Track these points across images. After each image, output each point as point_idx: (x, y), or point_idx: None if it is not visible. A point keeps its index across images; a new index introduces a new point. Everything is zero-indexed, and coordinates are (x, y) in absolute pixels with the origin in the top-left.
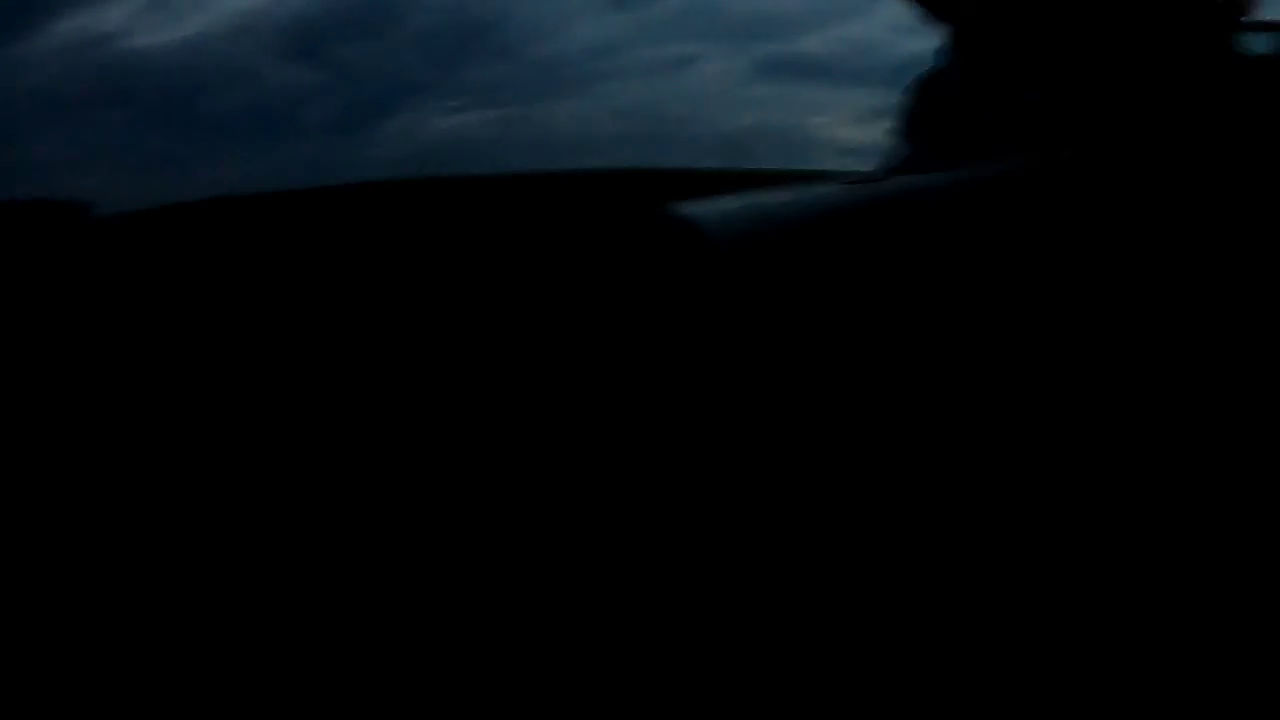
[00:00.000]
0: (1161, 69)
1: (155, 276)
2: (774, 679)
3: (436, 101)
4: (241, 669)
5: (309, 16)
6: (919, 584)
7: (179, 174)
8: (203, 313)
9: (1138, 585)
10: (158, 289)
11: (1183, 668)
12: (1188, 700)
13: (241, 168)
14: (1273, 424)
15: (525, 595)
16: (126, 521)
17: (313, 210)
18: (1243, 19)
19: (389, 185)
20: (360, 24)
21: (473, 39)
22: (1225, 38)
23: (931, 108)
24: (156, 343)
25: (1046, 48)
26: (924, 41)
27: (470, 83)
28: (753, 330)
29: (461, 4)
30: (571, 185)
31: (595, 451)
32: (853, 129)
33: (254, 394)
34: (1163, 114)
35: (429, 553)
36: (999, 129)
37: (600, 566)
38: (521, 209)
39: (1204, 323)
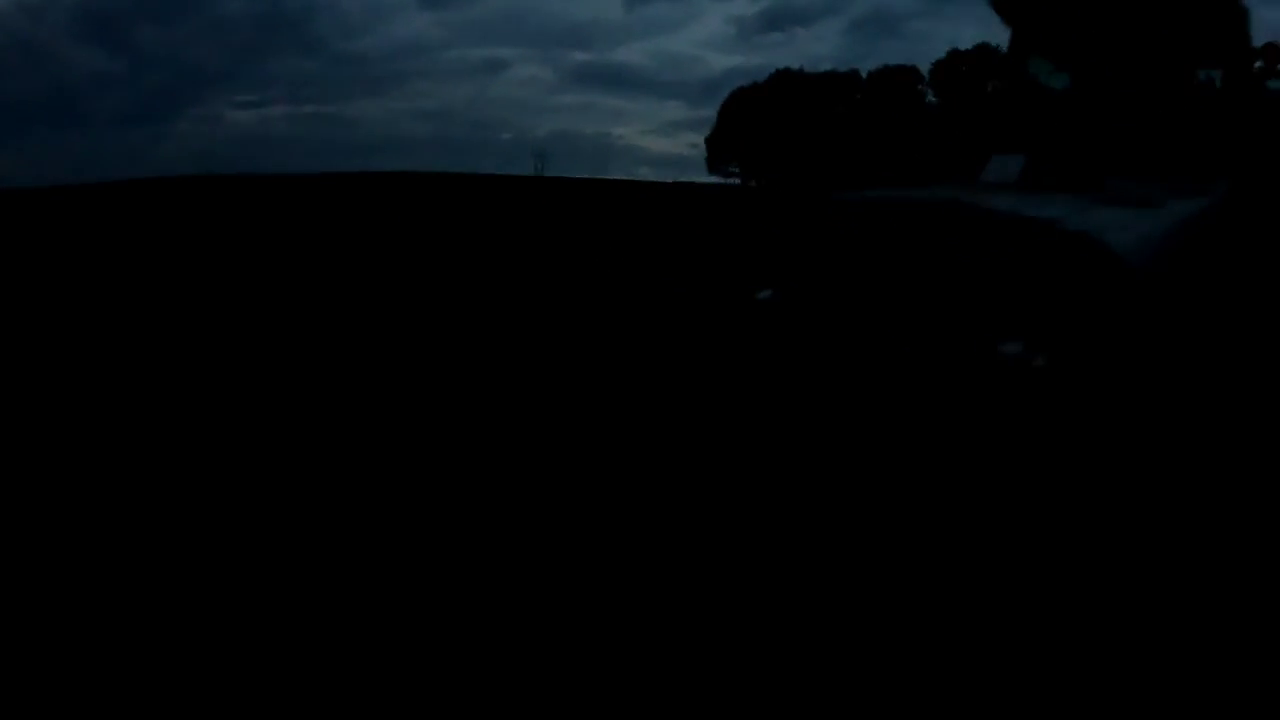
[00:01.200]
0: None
1: None
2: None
3: (236, 94)
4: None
5: None
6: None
7: None
8: None
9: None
10: None
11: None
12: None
13: (30, 156)
14: None
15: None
16: None
17: (97, 206)
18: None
19: (177, 181)
20: (160, 6)
21: (278, 30)
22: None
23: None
24: None
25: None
26: (730, 59)
27: (273, 75)
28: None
29: None
30: (375, 186)
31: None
32: (654, 139)
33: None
34: None
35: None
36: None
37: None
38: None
39: None
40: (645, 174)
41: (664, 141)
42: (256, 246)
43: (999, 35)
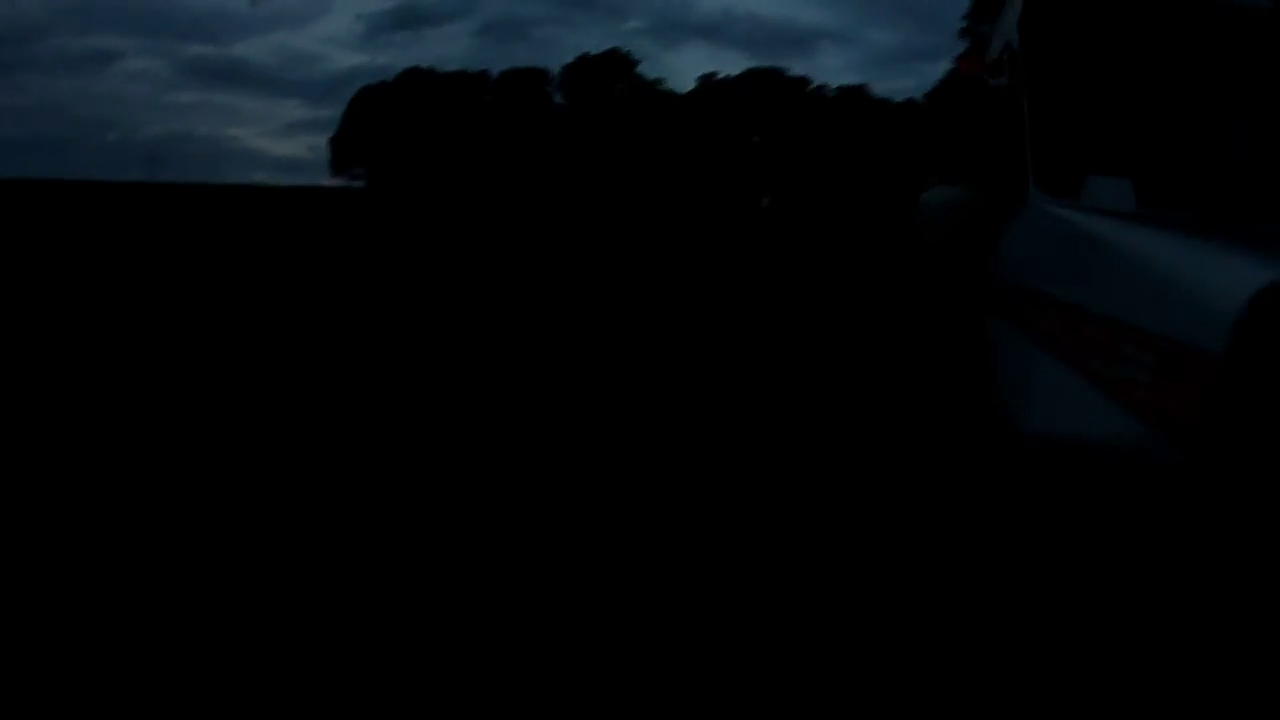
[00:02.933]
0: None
1: None
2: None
3: None
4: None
5: None
6: None
7: None
8: None
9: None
10: None
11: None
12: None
13: None
14: None
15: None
16: None
17: None
18: None
19: None
20: None
21: None
22: None
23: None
24: None
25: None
26: (356, 57)
27: None
28: None
29: None
30: None
31: None
32: (272, 141)
33: None
34: None
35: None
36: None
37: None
38: None
39: None
40: (262, 178)
41: (284, 144)
42: None
43: (629, 41)
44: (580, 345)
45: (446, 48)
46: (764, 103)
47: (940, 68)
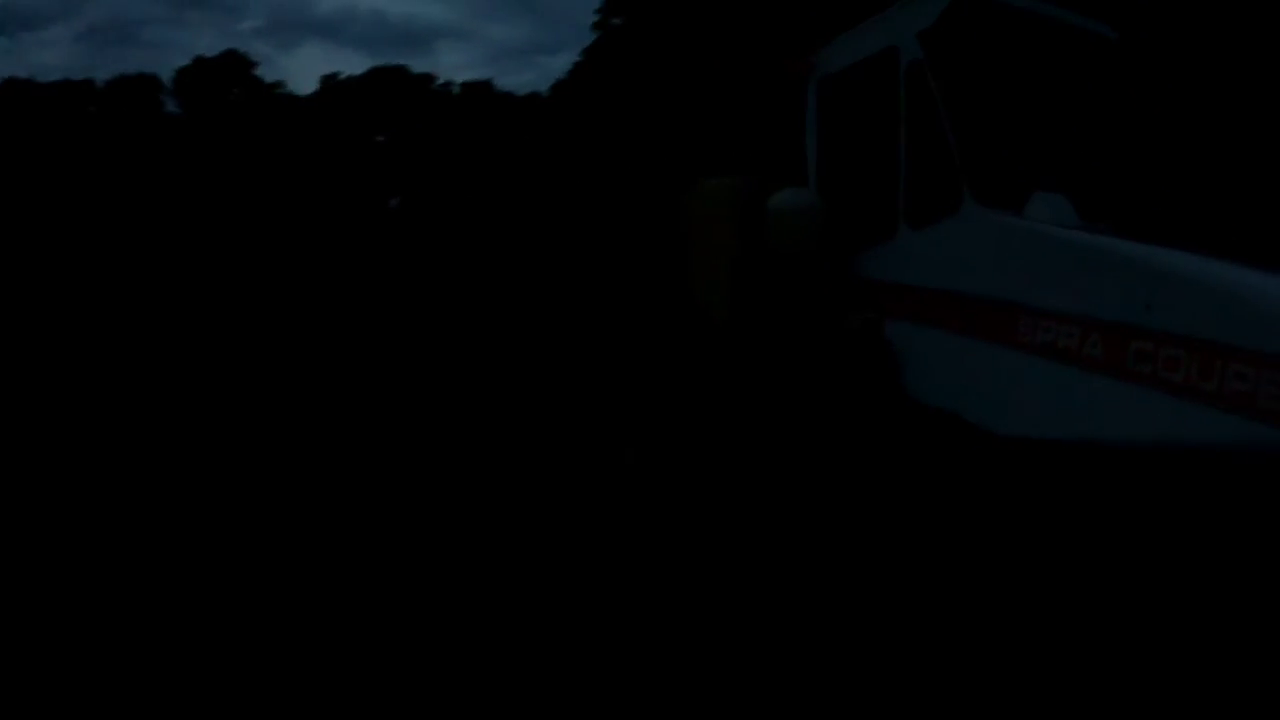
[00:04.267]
0: None
1: None
2: None
3: None
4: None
5: None
6: None
7: None
8: None
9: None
10: None
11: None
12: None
13: None
14: None
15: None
16: None
17: None
18: None
19: None
20: None
21: None
22: None
23: None
24: None
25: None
26: None
27: None
28: None
29: None
30: None
31: None
32: None
33: None
34: None
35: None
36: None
37: None
38: None
39: None
40: None
41: None
42: None
43: (246, 43)
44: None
45: (45, 54)
46: (389, 101)
47: (562, 61)
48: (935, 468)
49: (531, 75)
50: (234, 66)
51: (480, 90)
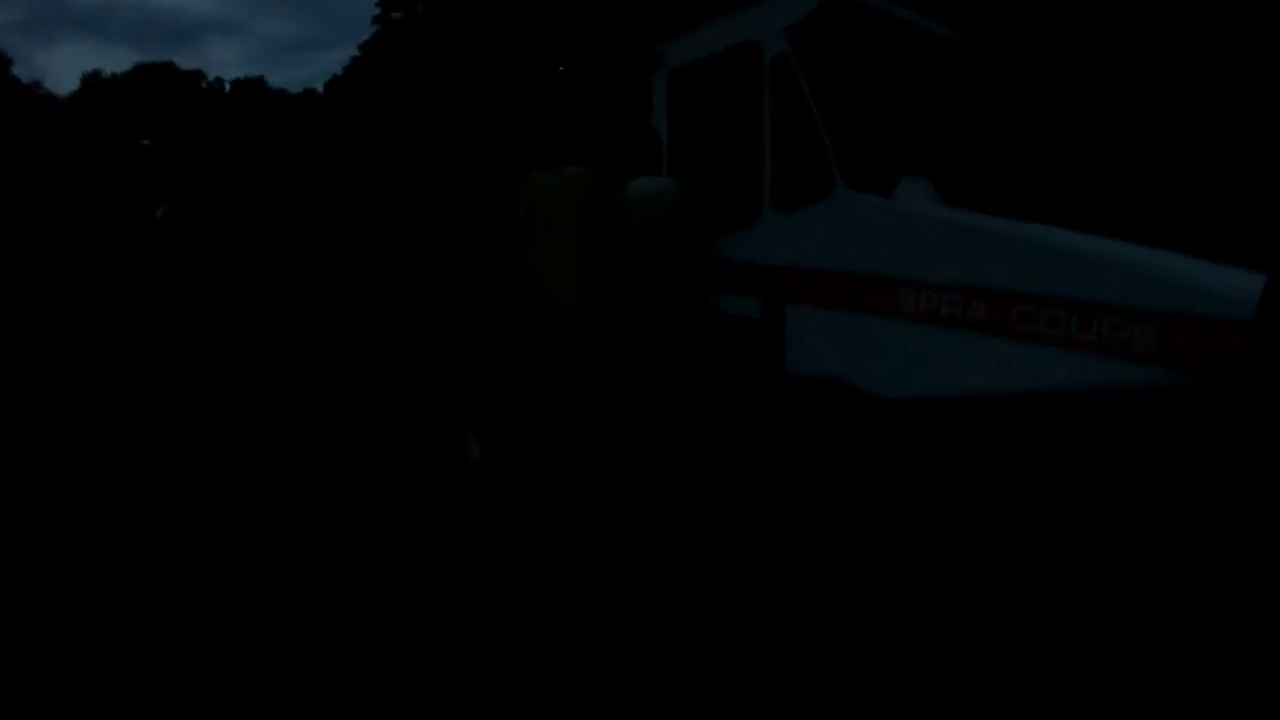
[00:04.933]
0: None
1: None
2: None
3: None
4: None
5: None
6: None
7: None
8: None
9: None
10: None
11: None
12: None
13: None
14: None
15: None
16: None
17: None
18: None
19: None
20: None
21: None
22: None
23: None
24: None
25: None
26: None
27: None
28: None
29: None
30: None
31: None
32: None
33: None
34: None
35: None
36: None
37: None
38: None
39: None
40: None
41: None
42: None
43: (1, 39)
44: None
45: None
46: (155, 100)
47: (338, 56)
48: (829, 432)
49: (305, 71)
50: None
51: (252, 88)
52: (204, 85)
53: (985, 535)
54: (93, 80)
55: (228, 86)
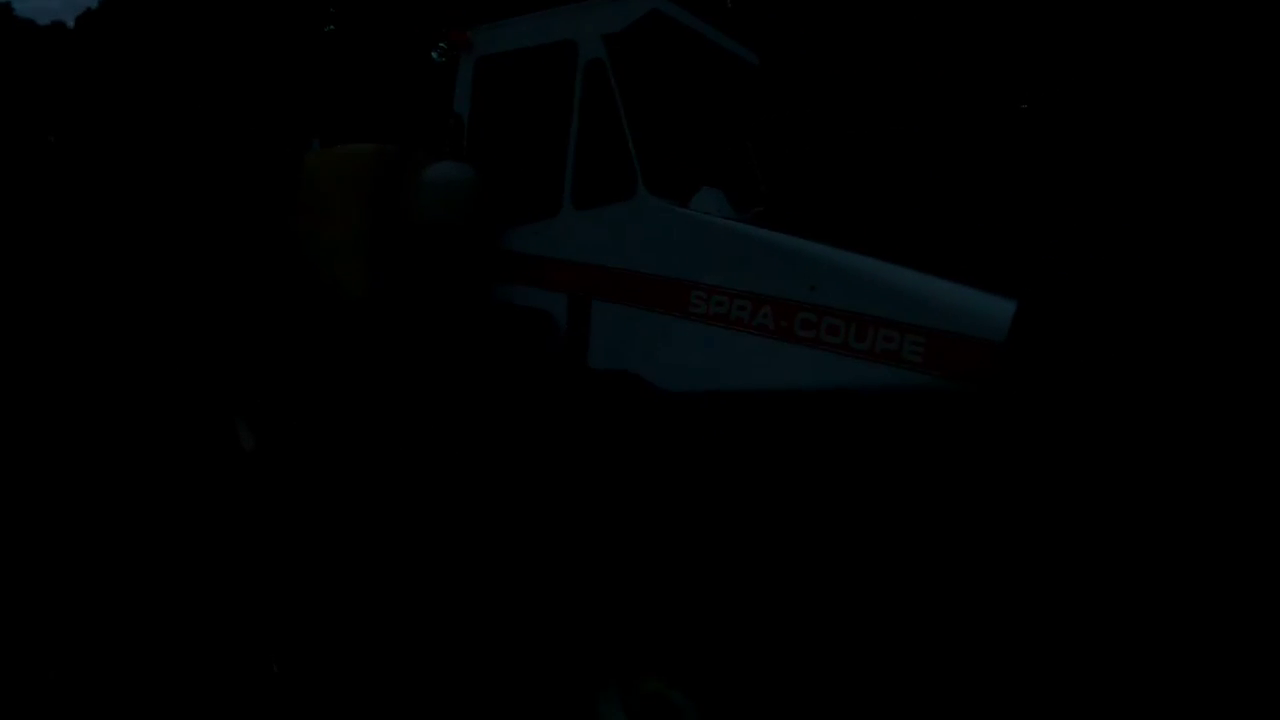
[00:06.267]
0: None
1: None
2: None
3: None
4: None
5: None
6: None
7: None
8: None
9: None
10: None
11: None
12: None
13: None
14: None
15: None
16: None
17: None
18: None
19: None
20: None
21: None
22: None
23: None
24: None
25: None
26: None
27: None
28: None
29: None
30: None
31: None
32: None
33: None
34: None
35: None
36: None
37: None
38: None
39: None
40: None
41: None
42: None
43: None
44: None
45: None
46: None
47: None
48: (616, 422)
49: (54, 3)
50: None
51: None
52: None
53: (759, 518)
54: None
55: None
